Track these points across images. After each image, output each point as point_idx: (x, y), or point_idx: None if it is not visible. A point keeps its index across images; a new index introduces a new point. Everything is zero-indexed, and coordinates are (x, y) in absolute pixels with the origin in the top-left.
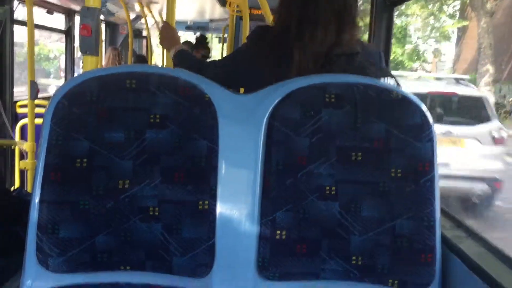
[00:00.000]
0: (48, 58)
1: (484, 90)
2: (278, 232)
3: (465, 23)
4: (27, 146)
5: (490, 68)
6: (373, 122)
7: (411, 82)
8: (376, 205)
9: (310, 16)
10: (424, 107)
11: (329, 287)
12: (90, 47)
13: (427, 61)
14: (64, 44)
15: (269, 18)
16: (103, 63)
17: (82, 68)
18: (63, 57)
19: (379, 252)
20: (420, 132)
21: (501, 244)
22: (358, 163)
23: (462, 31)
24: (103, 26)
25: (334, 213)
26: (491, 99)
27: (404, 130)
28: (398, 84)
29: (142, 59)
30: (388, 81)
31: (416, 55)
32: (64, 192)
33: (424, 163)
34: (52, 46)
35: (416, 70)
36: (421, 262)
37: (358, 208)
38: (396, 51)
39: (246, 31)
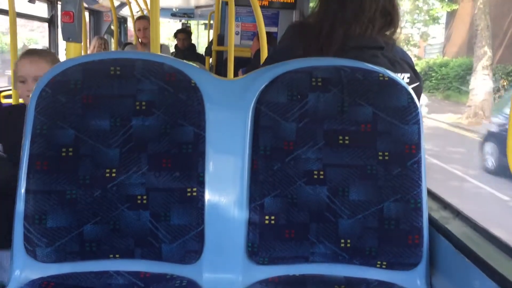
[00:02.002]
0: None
1: (482, 74)
2: (267, 217)
3: (455, 6)
4: None
5: (487, 50)
6: (360, 105)
7: None
8: (364, 188)
9: (351, 16)
10: (410, 90)
11: (318, 270)
12: (72, 34)
13: (416, 45)
14: (36, 33)
15: (255, 4)
16: (88, 52)
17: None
18: (34, 47)
19: (367, 234)
20: (406, 115)
21: None
22: (345, 146)
23: (451, 14)
24: (87, 14)
25: (322, 197)
26: (489, 83)
27: (390, 113)
28: (418, 77)
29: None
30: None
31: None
32: (50, 181)
33: (410, 145)
34: (25, 35)
35: None
36: (409, 244)
37: (346, 192)
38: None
39: (232, 16)
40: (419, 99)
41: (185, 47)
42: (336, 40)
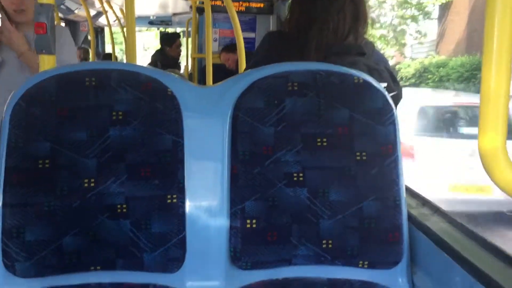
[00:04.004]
0: None
1: None
2: (248, 221)
3: None
4: None
5: None
6: (336, 108)
7: None
8: (343, 189)
9: (321, 10)
10: (385, 91)
11: (302, 272)
12: (46, 46)
13: (406, 44)
14: None
15: (231, 10)
16: None
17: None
18: None
19: (349, 234)
20: (382, 116)
21: None
22: (323, 148)
23: (444, 7)
24: (62, 24)
25: (303, 199)
26: None
27: (366, 115)
28: (396, 85)
29: (109, 57)
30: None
31: (392, 38)
32: (27, 194)
33: (387, 145)
34: None
35: (392, 58)
36: (389, 242)
37: (326, 193)
38: (372, 33)
39: (209, 23)
40: (396, 106)
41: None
42: (312, 37)
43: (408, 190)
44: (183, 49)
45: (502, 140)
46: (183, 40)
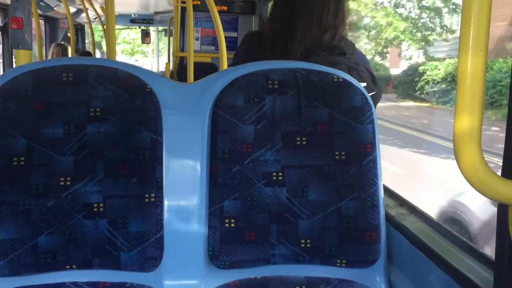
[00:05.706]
0: None
1: None
2: (227, 220)
3: None
4: None
5: None
6: (316, 106)
7: None
8: (322, 188)
9: (304, 6)
10: (364, 90)
11: (280, 271)
12: (22, 41)
13: (432, 42)
14: None
15: (213, 9)
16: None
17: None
18: None
19: (327, 233)
20: (361, 115)
21: None
22: (303, 147)
23: None
24: (42, 21)
25: (282, 199)
26: None
27: (346, 113)
28: (376, 85)
29: (87, 55)
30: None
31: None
32: (1, 192)
33: (366, 144)
34: None
35: (410, 58)
36: (367, 241)
37: (305, 192)
38: (397, 25)
39: (190, 22)
40: (375, 106)
41: None
42: (297, 28)
43: (386, 190)
44: (165, 47)
45: (477, 124)
46: (165, 38)
